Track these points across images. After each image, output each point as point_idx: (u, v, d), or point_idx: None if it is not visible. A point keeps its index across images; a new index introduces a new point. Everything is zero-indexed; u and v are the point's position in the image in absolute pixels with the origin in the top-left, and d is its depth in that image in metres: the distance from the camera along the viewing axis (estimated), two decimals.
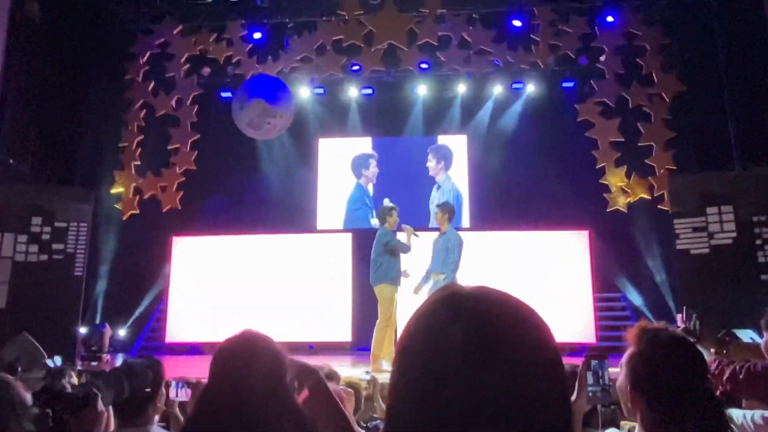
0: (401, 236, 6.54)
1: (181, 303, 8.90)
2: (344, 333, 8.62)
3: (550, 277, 8.40)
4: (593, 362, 1.77)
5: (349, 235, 8.99)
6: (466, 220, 9.12)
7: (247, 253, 9.00)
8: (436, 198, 9.14)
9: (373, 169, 9.47)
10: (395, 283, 6.33)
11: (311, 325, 8.59)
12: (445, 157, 9.43)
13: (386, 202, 8.13)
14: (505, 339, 0.63)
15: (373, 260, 6.45)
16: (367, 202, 9.37)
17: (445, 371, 0.61)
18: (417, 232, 6.55)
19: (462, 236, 6.41)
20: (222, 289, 8.84)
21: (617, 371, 1.55)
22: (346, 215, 9.42)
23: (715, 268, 6.86)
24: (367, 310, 7.93)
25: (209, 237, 9.14)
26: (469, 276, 6.52)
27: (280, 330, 8.30)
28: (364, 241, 8.67)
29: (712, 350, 2.87)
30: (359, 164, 9.54)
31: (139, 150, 8.88)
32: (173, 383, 2.75)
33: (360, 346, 8.39)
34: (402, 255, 6.42)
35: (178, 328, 8.80)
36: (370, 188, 9.52)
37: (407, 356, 0.67)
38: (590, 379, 1.76)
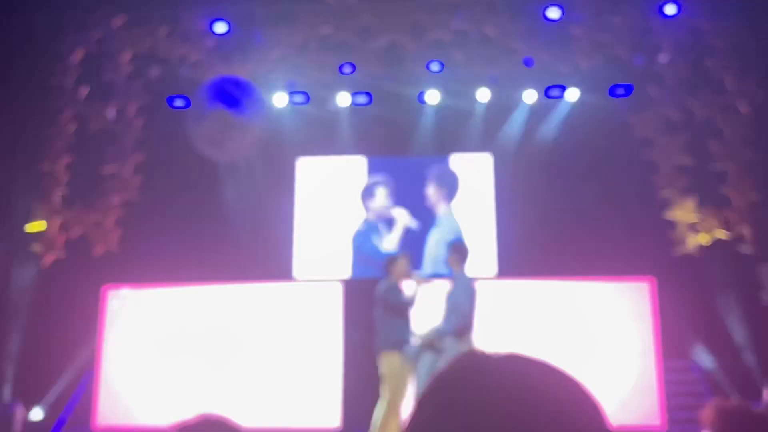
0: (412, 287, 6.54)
1: (117, 374, 8.72)
2: (331, 416, 8.44)
3: (601, 341, 8.31)
4: None
5: (338, 285, 8.82)
6: (492, 265, 8.96)
7: (205, 309, 8.88)
8: (433, 237, 9.05)
9: (380, 201, 9.34)
10: (398, 349, 6.33)
11: (288, 406, 8.43)
12: (448, 184, 9.33)
13: (398, 215, 7.95)
14: (547, 421, 0.63)
15: (375, 323, 6.51)
16: (374, 235, 9.23)
17: None
18: (429, 280, 6.68)
19: (479, 285, 6.45)
20: (172, 355, 8.69)
21: None
22: (353, 257, 9.25)
23: None
24: (362, 385, 7.77)
25: (154, 289, 9.01)
26: (490, 340, 6.45)
27: (247, 411, 8.17)
28: (358, 294, 8.50)
29: None
30: (364, 194, 9.47)
31: (67, 175, 8.75)
32: None
33: None
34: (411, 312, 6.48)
35: (113, 407, 8.61)
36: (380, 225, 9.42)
37: None
38: None
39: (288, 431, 8.45)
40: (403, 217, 8.54)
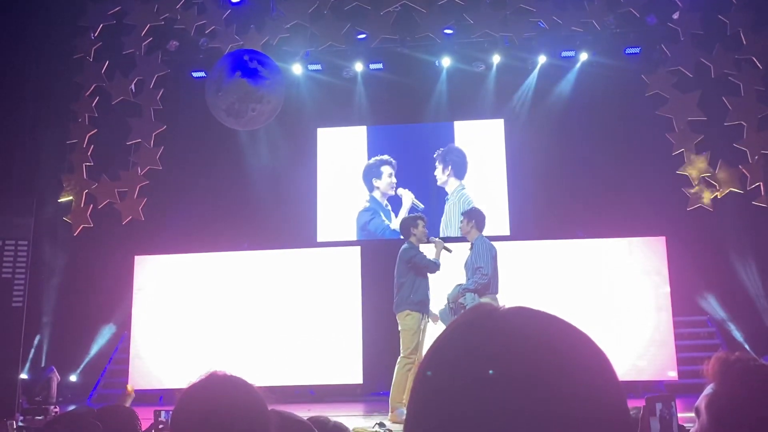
0: (429, 251, 6.55)
1: (147, 340, 8.91)
2: (354, 374, 8.61)
3: (615, 297, 8.35)
4: (658, 405, 1.74)
5: (357, 249, 8.97)
6: (505, 227, 9.04)
7: (229, 275, 9.00)
8: (447, 209, 9.27)
9: (387, 180, 9.45)
10: (421, 310, 6.40)
11: (312, 365, 8.61)
12: (454, 162, 9.41)
13: (405, 195, 8.08)
14: (554, 370, 0.63)
15: (396, 282, 6.53)
16: (382, 213, 9.38)
17: (476, 409, 0.62)
18: (449, 246, 6.61)
19: (497, 246, 6.48)
20: (199, 321, 8.85)
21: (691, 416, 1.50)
22: (358, 231, 9.41)
23: None
24: (382, 344, 7.91)
25: (180, 256, 9.15)
26: (509, 300, 6.49)
27: (273, 371, 8.36)
28: (376, 256, 8.67)
29: None
30: (369, 173, 9.54)
31: (92, 147, 8.93)
32: (162, 414, 2.97)
33: (374, 391, 8.34)
34: (430, 275, 6.50)
35: (144, 371, 8.80)
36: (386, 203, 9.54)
37: (427, 395, 0.66)
38: (655, 428, 1.74)
39: (314, 388, 8.68)
40: (409, 197, 8.64)
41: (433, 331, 6.45)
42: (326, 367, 8.62)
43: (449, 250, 6.53)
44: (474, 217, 6.53)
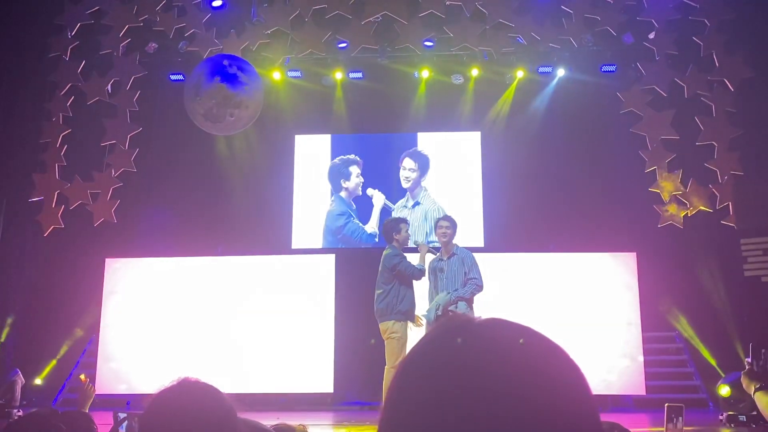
0: (413, 257, 6.50)
1: (116, 344, 8.79)
2: (325, 382, 8.54)
3: (586, 311, 8.41)
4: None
5: (331, 257, 8.95)
6: (479, 239, 9.10)
7: (202, 280, 8.93)
8: (417, 214, 9.25)
9: (355, 180, 9.47)
10: (408, 319, 6.29)
11: (283, 373, 8.54)
12: (424, 165, 9.47)
13: (376, 196, 8.04)
14: (527, 380, 0.63)
15: (377, 288, 6.38)
16: (352, 215, 9.36)
17: (449, 420, 0.62)
18: (434, 250, 6.58)
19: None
20: (169, 326, 8.76)
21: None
22: (326, 235, 9.36)
23: None
24: (354, 353, 7.90)
25: (152, 259, 9.07)
26: (479, 309, 6.50)
27: (243, 378, 8.29)
28: (351, 264, 8.67)
29: None
30: (337, 173, 9.53)
31: (65, 147, 8.85)
32: (120, 416, 2.89)
33: (345, 400, 8.32)
34: (415, 282, 6.41)
35: (111, 376, 8.68)
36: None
37: (401, 404, 0.67)
38: None
39: (284, 396, 8.60)
40: (380, 199, 8.61)
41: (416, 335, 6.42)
42: (297, 376, 8.55)
43: (435, 253, 6.49)
44: (452, 221, 6.50)
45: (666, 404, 2.44)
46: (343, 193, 9.48)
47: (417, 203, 9.40)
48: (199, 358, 8.43)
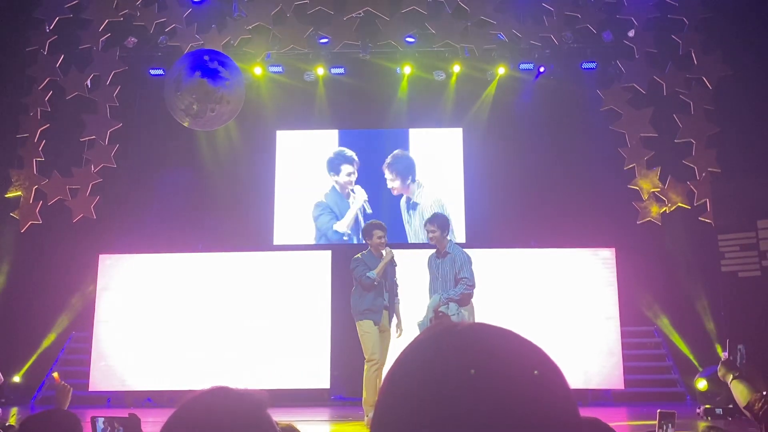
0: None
1: (110, 341, 8.74)
2: (321, 378, 8.59)
3: (565, 307, 8.52)
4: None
5: (328, 253, 8.95)
6: (461, 235, 9.16)
7: (189, 276, 8.92)
8: (411, 214, 9.31)
9: (344, 177, 9.52)
10: (370, 318, 6.39)
11: (279, 369, 8.57)
12: (407, 168, 9.51)
13: (358, 194, 8.01)
14: (509, 383, 0.66)
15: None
16: (334, 208, 9.38)
17: (435, 423, 0.64)
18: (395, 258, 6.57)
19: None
20: (160, 323, 8.74)
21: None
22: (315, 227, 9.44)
23: (767, 293, 7.07)
24: (350, 349, 7.92)
25: (133, 256, 9.02)
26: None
27: (239, 374, 8.27)
28: (347, 260, 8.66)
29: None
30: (330, 165, 9.60)
31: (43, 142, 8.77)
32: (99, 422, 2.74)
33: (340, 394, 8.36)
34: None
35: (102, 373, 8.66)
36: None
37: (390, 407, 0.69)
38: None
39: (281, 391, 8.55)
40: (358, 200, 8.59)
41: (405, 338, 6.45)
42: (293, 371, 8.57)
43: (394, 264, 6.51)
44: (438, 222, 6.39)
45: (658, 410, 2.45)
46: (336, 186, 9.52)
47: (415, 203, 9.46)
48: (195, 355, 8.49)
